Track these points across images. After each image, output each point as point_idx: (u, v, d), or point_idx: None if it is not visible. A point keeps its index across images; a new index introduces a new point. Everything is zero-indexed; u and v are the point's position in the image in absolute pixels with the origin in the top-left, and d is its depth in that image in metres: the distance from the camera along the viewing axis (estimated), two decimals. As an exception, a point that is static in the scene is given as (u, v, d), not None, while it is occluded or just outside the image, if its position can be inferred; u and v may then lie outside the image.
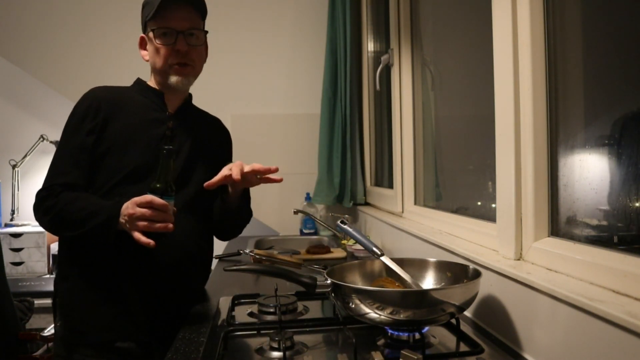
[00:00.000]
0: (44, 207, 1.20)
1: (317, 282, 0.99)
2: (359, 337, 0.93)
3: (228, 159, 1.52)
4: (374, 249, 1.16)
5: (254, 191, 1.40)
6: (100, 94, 1.28)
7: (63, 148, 1.25)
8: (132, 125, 1.27)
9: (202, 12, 1.32)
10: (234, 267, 1.04)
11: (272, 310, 1.19)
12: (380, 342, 0.99)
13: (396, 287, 1.08)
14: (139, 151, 1.25)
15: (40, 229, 2.98)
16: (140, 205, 1.07)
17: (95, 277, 1.23)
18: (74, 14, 2.76)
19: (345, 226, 1.24)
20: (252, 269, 1.16)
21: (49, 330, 2.07)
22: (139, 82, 1.37)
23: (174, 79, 1.28)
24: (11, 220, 3.21)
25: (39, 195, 1.21)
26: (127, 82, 1.40)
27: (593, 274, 0.81)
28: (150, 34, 1.28)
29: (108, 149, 1.24)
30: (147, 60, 1.34)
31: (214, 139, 1.46)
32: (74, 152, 1.23)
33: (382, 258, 1.13)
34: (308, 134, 2.77)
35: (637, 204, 0.83)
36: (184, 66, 1.29)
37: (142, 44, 1.35)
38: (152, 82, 1.36)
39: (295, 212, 1.60)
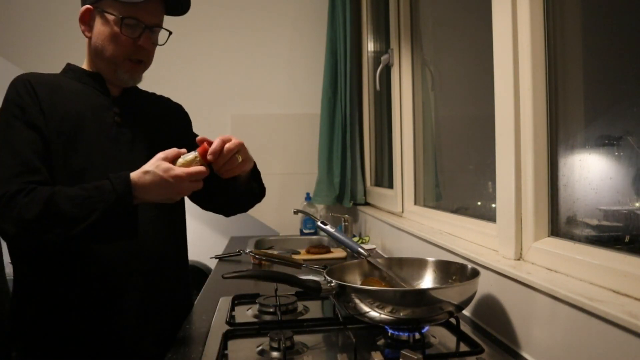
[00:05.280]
0: (20, 206, 0.95)
1: (322, 287, 0.98)
2: (359, 337, 0.93)
3: (187, 136, 1.33)
4: (359, 249, 1.17)
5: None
6: (32, 78, 1.10)
7: (18, 140, 1.03)
8: (72, 113, 1.10)
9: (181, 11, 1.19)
10: (234, 274, 0.98)
11: (272, 310, 1.19)
12: (380, 342, 0.99)
13: (382, 287, 1.09)
14: (88, 143, 1.09)
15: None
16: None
17: (66, 296, 1.07)
18: (75, 14, 2.76)
19: (326, 227, 1.24)
20: (252, 275, 1.05)
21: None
22: (72, 68, 1.20)
23: (125, 75, 1.15)
24: (11, 220, 3.22)
25: (3, 195, 0.97)
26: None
27: (593, 274, 0.81)
28: (110, 17, 1.10)
29: (52, 144, 1.06)
30: (88, 37, 1.16)
31: (168, 120, 1.31)
32: (35, 146, 1.03)
33: (369, 259, 1.16)
34: (308, 134, 2.77)
35: (637, 204, 0.83)
36: (139, 63, 1.15)
37: (87, 18, 1.15)
38: (86, 64, 1.20)
39: (295, 212, 1.60)
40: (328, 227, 1.26)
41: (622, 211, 0.86)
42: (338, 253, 2.03)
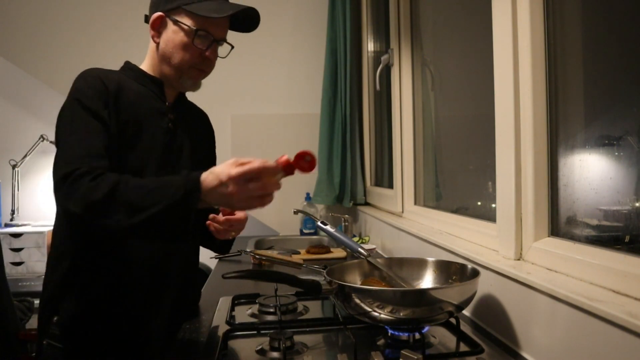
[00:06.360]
0: (86, 187, 0.93)
1: (322, 287, 0.99)
2: (359, 337, 0.93)
3: (213, 157, 1.42)
4: (359, 249, 1.17)
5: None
6: (102, 74, 1.12)
7: (86, 129, 1.03)
8: (134, 115, 1.12)
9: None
10: (234, 274, 0.99)
11: (272, 310, 1.19)
12: (380, 342, 0.99)
13: (382, 287, 1.09)
14: (144, 147, 1.12)
15: (41, 228, 2.98)
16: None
17: (109, 294, 1.10)
18: (74, 14, 2.76)
19: (326, 227, 1.25)
20: (252, 275, 1.07)
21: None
22: (132, 68, 1.21)
23: (189, 82, 1.20)
24: (11, 220, 3.21)
25: (71, 174, 0.95)
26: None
27: (593, 274, 0.81)
28: (183, 26, 1.14)
29: (112, 142, 1.07)
30: (156, 42, 1.18)
31: (206, 135, 1.38)
32: (101, 136, 1.04)
33: (369, 259, 1.16)
34: (308, 134, 2.77)
35: (637, 204, 0.83)
36: (202, 71, 1.20)
37: (157, 25, 1.17)
38: (147, 67, 1.21)
39: (295, 212, 1.60)
40: (328, 227, 1.26)
41: (622, 211, 0.86)
42: (338, 253, 2.03)
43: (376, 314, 0.91)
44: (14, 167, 3.20)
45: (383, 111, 2.48)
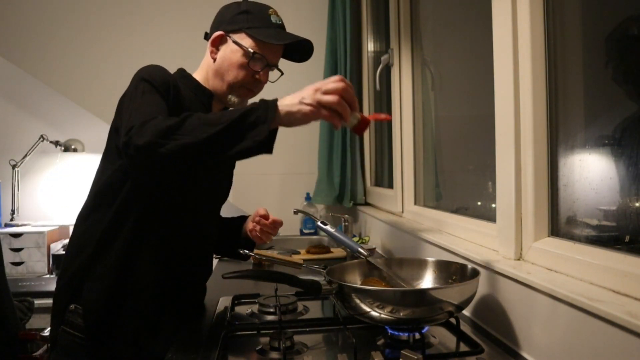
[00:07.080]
0: (158, 120, 0.94)
1: (322, 287, 0.99)
2: (359, 337, 0.93)
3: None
4: (359, 249, 1.17)
5: (255, 190, 1.40)
6: (165, 71, 1.16)
7: (156, 104, 1.04)
8: None
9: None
10: (234, 274, 1.00)
11: (272, 310, 1.19)
12: (380, 342, 0.99)
13: (382, 287, 1.09)
14: None
15: (41, 228, 2.98)
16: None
17: (129, 283, 1.10)
18: (74, 14, 2.76)
19: (326, 227, 1.25)
20: (252, 275, 1.08)
21: (49, 331, 2.05)
22: (187, 76, 1.25)
23: (236, 99, 1.23)
24: (11, 220, 3.21)
25: (147, 120, 0.95)
26: (127, 82, 1.35)
27: (593, 274, 0.81)
28: (243, 47, 1.19)
29: None
30: (213, 58, 1.23)
31: None
32: (167, 115, 1.02)
33: (369, 258, 1.16)
34: (308, 134, 2.77)
35: (637, 204, 0.83)
36: (250, 92, 1.25)
37: (217, 42, 1.22)
38: (200, 78, 1.25)
39: (295, 212, 1.60)
40: (328, 227, 1.26)
41: (622, 211, 0.86)
42: (338, 253, 2.03)
43: (376, 314, 0.91)
44: (14, 167, 3.20)
45: (383, 111, 2.48)
